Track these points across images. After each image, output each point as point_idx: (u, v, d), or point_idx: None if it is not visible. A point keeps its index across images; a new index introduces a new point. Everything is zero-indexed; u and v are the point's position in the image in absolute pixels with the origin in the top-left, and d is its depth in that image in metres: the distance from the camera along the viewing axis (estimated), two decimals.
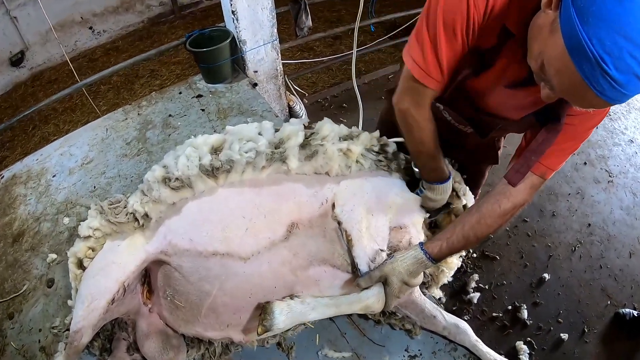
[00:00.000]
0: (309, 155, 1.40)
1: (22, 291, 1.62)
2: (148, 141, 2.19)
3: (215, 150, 1.40)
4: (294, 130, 1.41)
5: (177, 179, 1.32)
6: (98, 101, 4.22)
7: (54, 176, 2.09)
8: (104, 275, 1.24)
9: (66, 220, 1.85)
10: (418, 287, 1.32)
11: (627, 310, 2.44)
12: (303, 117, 3.16)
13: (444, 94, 1.22)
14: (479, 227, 1.21)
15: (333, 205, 1.36)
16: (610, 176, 3.25)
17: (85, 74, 4.34)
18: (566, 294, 2.54)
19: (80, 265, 1.34)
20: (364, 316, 1.42)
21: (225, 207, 1.31)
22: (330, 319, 1.40)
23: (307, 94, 3.88)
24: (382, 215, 1.33)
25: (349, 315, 1.44)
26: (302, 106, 3.09)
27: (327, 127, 1.46)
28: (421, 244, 1.24)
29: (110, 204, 1.36)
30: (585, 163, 3.35)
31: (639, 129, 3.70)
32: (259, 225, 1.29)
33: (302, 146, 1.41)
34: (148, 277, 1.41)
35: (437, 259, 1.22)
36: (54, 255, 1.71)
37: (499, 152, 1.72)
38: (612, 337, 2.38)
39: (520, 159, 1.18)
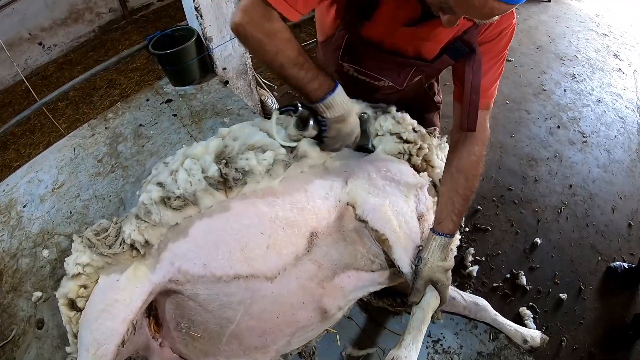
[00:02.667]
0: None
1: (11, 337, 1.50)
2: (121, 155, 2.06)
3: (220, 159, 1.23)
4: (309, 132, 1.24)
5: (178, 197, 1.17)
6: (57, 119, 3.97)
7: (24, 206, 1.94)
8: (108, 317, 1.08)
9: (45, 252, 1.73)
10: None
11: (618, 263, 2.53)
12: None
13: (347, 50, 1.28)
14: (469, 182, 1.22)
15: (347, 204, 1.27)
16: (583, 137, 3.34)
17: (41, 92, 4.08)
18: (559, 255, 2.61)
19: (73, 306, 1.17)
20: (381, 309, 1.39)
21: (239, 224, 1.16)
22: (349, 317, 1.36)
23: (275, 87, 3.77)
24: (407, 208, 1.26)
25: (367, 311, 1.41)
26: (274, 100, 3.00)
27: None
28: (433, 230, 1.21)
29: (97, 234, 1.19)
30: (558, 126, 3.43)
31: (604, 88, 3.82)
32: (280, 240, 1.16)
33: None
34: (153, 308, 1.26)
35: (454, 233, 1.22)
36: (38, 293, 1.59)
37: (438, 98, 1.68)
38: (607, 290, 2.46)
39: (464, 103, 1.19)
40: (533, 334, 1.46)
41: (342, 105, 1.14)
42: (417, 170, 1.37)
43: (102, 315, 1.09)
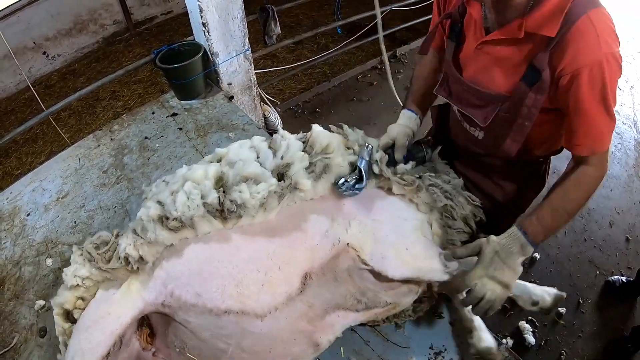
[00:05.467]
0: (318, 174, 1.26)
1: (12, 345, 1.49)
2: (126, 167, 2.08)
3: (219, 186, 1.23)
4: (296, 154, 1.28)
5: (175, 218, 1.16)
6: (60, 129, 4.01)
7: (28, 215, 1.95)
8: (97, 328, 1.09)
9: (49, 261, 1.73)
10: None
11: (616, 277, 2.55)
12: (279, 126, 3.12)
13: (444, 81, 1.32)
14: (564, 202, 1.15)
15: (348, 245, 1.24)
16: None
17: (44, 101, 4.12)
18: (557, 269, 2.63)
19: (69, 318, 1.17)
20: (385, 322, 1.40)
21: (236, 258, 1.15)
22: (352, 328, 1.38)
23: (278, 102, 3.83)
24: (418, 247, 1.24)
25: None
26: (277, 115, 3.05)
27: (323, 136, 1.34)
28: (519, 225, 1.15)
29: (96, 247, 1.19)
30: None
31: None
32: (275, 279, 1.15)
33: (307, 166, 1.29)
34: (147, 319, 1.25)
35: (531, 236, 1.13)
36: (41, 302, 1.58)
37: (546, 179, 1.52)
38: (605, 304, 2.49)
39: (515, 125, 1.19)
40: (545, 294, 1.34)
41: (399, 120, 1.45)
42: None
43: (92, 326, 1.10)
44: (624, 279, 2.52)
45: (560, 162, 1.44)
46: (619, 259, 2.71)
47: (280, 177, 1.27)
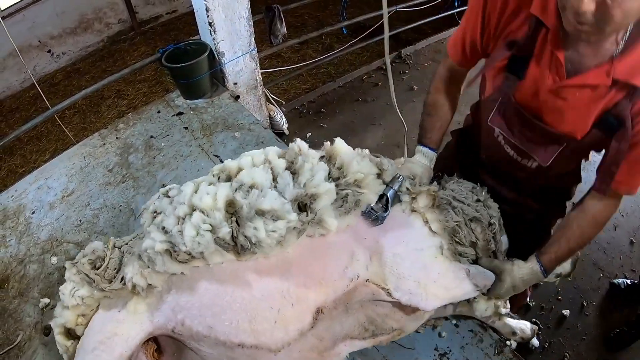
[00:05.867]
0: (347, 210, 1.17)
1: (16, 342, 1.49)
2: (132, 166, 2.09)
3: (231, 214, 1.11)
4: (323, 186, 1.15)
5: (184, 252, 1.08)
6: (64, 127, 4.03)
7: (33, 213, 1.95)
8: (105, 350, 1.04)
9: (54, 259, 1.73)
10: None
11: (620, 280, 2.55)
12: (284, 126, 3.13)
13: (499, 112, 1.23)
14: (581, 240, 1.21)
15: (367, 281, 1.18)
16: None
17: (48, 99, 4.13)
18: None
19: (70, 335, 1.12)
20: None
21: (250, 294, 1.10)
22: None
23: (283, 102, 3.83)
24: (439, 270, 1.21)
25: None
26: (282, 115, 3.05)
27: (356, 166, 1.22)
28: (536, 254, 1.22)
29: (92, 263, 1.12)
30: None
31: None
32: (288, 316, 1.10)
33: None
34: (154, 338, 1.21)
35: (547, 271, 1.22)
36: (46, 300, 1.58)
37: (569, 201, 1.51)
38: (609, 307, 2.48)
39: (602, 169, 1.14)
40: (523, 326, 1.42)
41: (419, 160, 1.41)
42: None
43: (99, 347, 1.05)
44: (628, 281, 2.52)
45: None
46: (623, 261, 2.70)
47: (302, 206, 1.15)
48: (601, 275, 2.63)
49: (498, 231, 1.28)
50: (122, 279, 1.10)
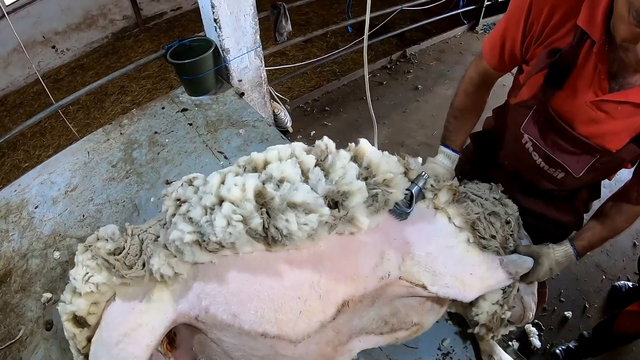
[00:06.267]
0: (377, 209, 1.17)
1: (18, 337, 1.49)
2: (136, 162, 2.09)
3: (261, 205, 1.09)
4: (355, 184, 1.14)
5: (214, 242, 1.06)
6: (68, 122, 4.04)
7: (36, 207, 1.95)
8: (130, 342, 1.01)
9: (56, 254, 1.73)
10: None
11: (622, 282, 2.53)
12: (288, 124, 3.12)
13: (533, 119, 1.23)
14: (613, 231, 1.25)
15: (400, 278, 1.20)
16: None
17: (52, 95, 4.15)
18: (564, 274, 2.62)
19: (79, 323, 1.08)
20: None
21: (279, 283, 1.09)
22: None
23: (288, 100, 3.83)
24: (473, 261, 1.22)
25: None
26: (287, 113, 3.05)
27: (385, 166, 1.22)
28: (570, 239, 1.25)
29: (110, 252, 1.09)
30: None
31: None
32: (313, 308, 1.10)
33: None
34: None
35: (579, 255, 1.26)
36: (48, 295, 1.58)
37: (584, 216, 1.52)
38: (611, 309, 2.47)
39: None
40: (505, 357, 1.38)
41: (443, 160, 1.44)
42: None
43: (124, 340, 1.02)
44: (630, 284, 2.50)
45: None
46: (625, 264, 2.69)
47: (332, 204, 1.14)
48: (604, 277, 2.62)
49: (516, 231, 1.29)
50: (143, 265, 1.07)
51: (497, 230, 1.23)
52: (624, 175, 1.27)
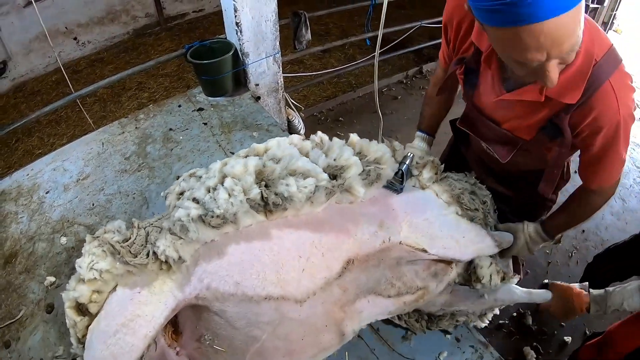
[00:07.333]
0: (371, 182, 1.29)
1: (18, 317, 1.50)
2: (149, 156, 2.11)
3: (260, 180, 1.20)
4: (351, 159, 1.28)
5: (217, 216, 1.12)
6: (84, 114, 4.10)
7: (47, 192, 1.98)
8: (128, 332, 1.01)
9: (63, 240, 1.75)
10: None
11: None
12: (302, 131, 3.14)
13: (465, 115, 1.41)
14: (573, 217, 1.37)
15: (401, 243, 1.28)
16: None
17: (71, 85, 4.23)
18: None
19: (81, 311, 1.08)
20: (392, 331, 1.42)
21: (279, 245, 1.14)
22: (359, 336, 1.37)
23: (302, 108, 3.86)
24: (463, 227, 1.33)
25: (377, 332, 1.44)
26: (301, 120, 3.07)
27: (374, 147, 1.39)
28: (542, 220, 1.40)
29: (120, 240, 1.12)
30: (575, 171, 3.45)
31: None
32: (316, 264, 1.15)
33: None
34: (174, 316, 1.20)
35: (550, 235, 1.38)
36: (52, 278, 1.60)
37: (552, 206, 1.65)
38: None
39: (546, 172, 1.30)
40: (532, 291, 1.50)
41: (417, 143, 1.62)
42: None
43: (122, 330, 1.02)
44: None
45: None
46: None
47: (332, 177, 1.26)
48: None
49: (492, 211, 1.44)
50: (148, 254, 1.09)
51: (478, 207, 1.38)
52: None
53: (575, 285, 1.44)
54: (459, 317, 1.42)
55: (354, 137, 1.43)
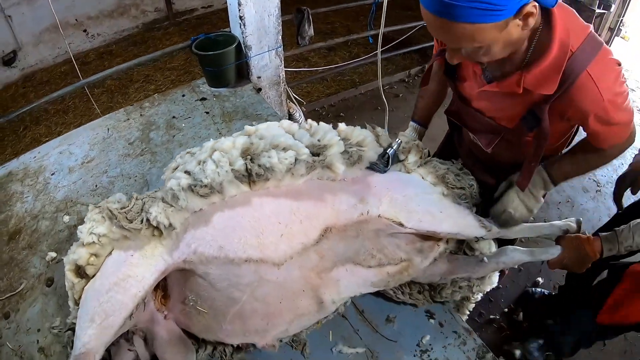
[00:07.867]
0: (352, 162, 1.36)
1: (18, 290, 1.56)
2: (152, 142, 2.18)
3: (246, 155, 1.28)
4: (334, 139, 1.35)
5: (205, 185, 1.20)
6: (91, 104, 4.16)
7: (52, 174, 2.05)
8: (119, 291, 1.09)
9: (66, 218, 1.81)
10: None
11: (539, 290, 2.52)
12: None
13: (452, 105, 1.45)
14: (586, 165, 1.33)
15: (380, 216, 1.33)
16: (598, 185, 3.38)
17: (79, 76, 4.30)
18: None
19: (79, 273, 1.16)
20: (377, 313, 1.46)
21: (260, 212, 1.23)
22: (343, 315, 1.41)
23: (304, 102, 3.91)
24: (444, 205, 1.36)
25: (362, 313, 1.47)
26: (302, 114, 3.12)
27: (357, 131, 1.45)
28: (543, 164, 1.34)
29: (121, 207, 1.20)
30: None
31: None
32: (294, 231, 1.23)
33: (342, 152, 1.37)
34: (163, 280, 1.27)
35: (554, 181, 1.33)
36: (53, 254, 1.66)
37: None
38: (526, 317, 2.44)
39: (524, 165, 1.29)
40: (569, 222, 1.47)
41: (409, 132, 1.66)
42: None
43: (114, 289, 1.09)
44: (545, 292, 2.51)
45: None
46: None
47: (315, 155, 1.33)
48: None
49: (477, 194, 1.45)
50: (142, 221, 1.17)
51: (465, 186, 1.41)
52: None
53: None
54: (460, 283, 1.45)
55: (341, 125, 1.48)
